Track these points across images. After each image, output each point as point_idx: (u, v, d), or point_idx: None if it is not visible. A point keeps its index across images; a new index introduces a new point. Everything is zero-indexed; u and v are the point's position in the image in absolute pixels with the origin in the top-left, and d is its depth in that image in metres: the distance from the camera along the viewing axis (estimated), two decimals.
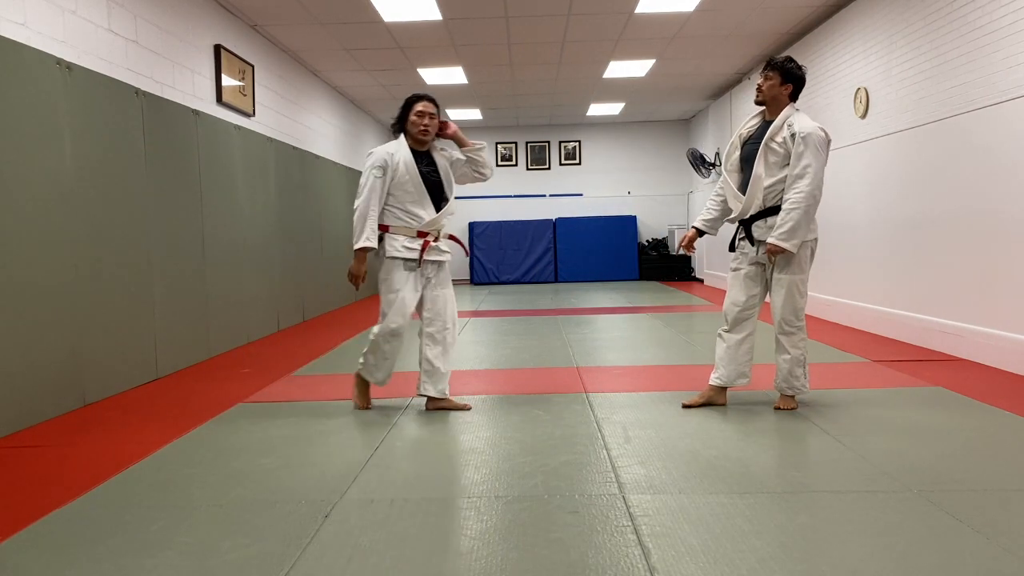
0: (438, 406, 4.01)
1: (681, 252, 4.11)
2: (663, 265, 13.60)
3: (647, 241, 14.02)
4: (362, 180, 3.84)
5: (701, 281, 12.85)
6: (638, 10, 7.05)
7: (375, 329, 3.97)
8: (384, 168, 3.82)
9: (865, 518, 2.42)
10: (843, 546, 2.22)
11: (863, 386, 4.39)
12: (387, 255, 3.87)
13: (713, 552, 2.19)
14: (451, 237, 4.09)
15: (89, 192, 4.44)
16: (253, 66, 7.08)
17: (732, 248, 3.97)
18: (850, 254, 6.95)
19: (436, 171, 3.96)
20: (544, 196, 14.23)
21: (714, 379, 3.93)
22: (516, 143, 14.22)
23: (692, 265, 13.50)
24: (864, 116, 6.61)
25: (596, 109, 12.54)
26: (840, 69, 7.09)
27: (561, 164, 14.31)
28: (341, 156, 10.42)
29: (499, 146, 14.21)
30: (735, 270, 3.92)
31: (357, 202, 3.81)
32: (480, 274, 13.75)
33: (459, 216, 14.23)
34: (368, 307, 9.92)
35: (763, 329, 4.06)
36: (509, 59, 8.84)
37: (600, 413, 3.87)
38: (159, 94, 5.34)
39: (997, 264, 4.83)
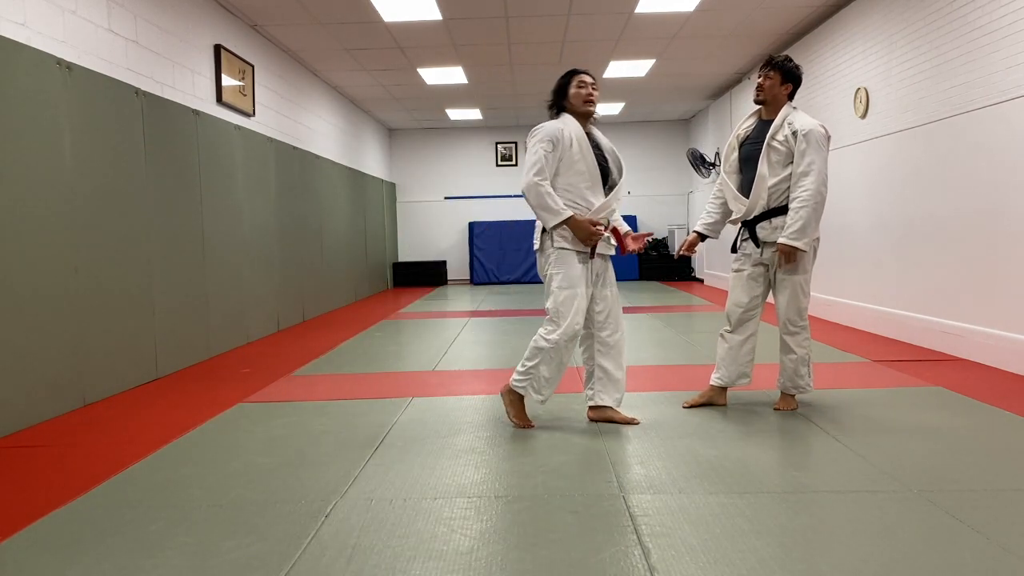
0: (605, 416, 3.63)
1: (682, 255, 4.02)
2: (663, 265, 13.60)
3: (647, 241, 13.99)
4: (530, 157, 3.41)
5: (701, 281, 12.85)
6: (638, 10, 7.05)
7: (551, 336, 3.45)
8: (555, 143, 3.42)
9: (865, 518, 2.42)
10: (843, 546, 2.22)
11: (863, 386, 4.39)
12: (557, 245, 3.45)
13: (713, 552, 2.19)
14: (613, 230, 3.63)
15: (89, 192, 4.44)
16: (253, 66, 7.08)
17: (734, 249, 3.97)
18: (850, 254, 6.95)
19: (602, 151, 3.60)
20: None
21: (715, 379, 3.93)
22: (516, 143, 14.21)
23: (692, 265, 13.49)
24: (864, 116, 6.61)
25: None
26: (840, 69, 7.09)
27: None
28: (341, 156, 10.42)
29: (499, 146, 14.21)
30: (738, 271, 3.91)
31: (525, 181, 3.40)
32: (480, 274, 13.75)
33: (459, 216, 14.27)
34: (369, 306, 9.92)
35: (764, 329, 4.05)
36: (509, 59, 8.84)
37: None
38: (159, 94, 5.34)
39: (997, 264, 4.83)
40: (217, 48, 6.32)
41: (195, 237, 5.79)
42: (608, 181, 3.57)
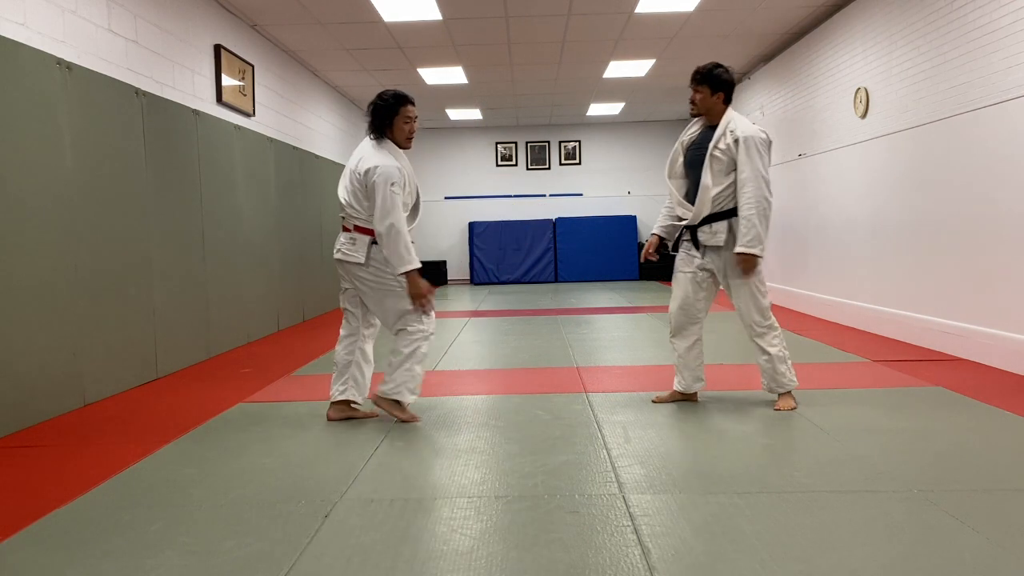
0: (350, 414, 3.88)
1: (647, 259, 4.06)
2: (663, 265, 13.56)
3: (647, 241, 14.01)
4: (383, 198, 3.50)
5: None
6: (638, 10, 7.04)
7: (423, 333, 3.65)
8: (403, 184, 3.63)
9: (865, 518, 2.42)
10: (843, 546, 2.22)
11: (863, 386, 4.39)
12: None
13: (713, 552, 2.19)
14: None
15: (89, 192, 4.44)
16: (253, 66, 7.08)
17: (675, 248, 3.97)
18: (850, 254, 6.95)
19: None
20: (544, 196, 14.22)
21: (676, 384, 4.01)
22: (516, 143, 14.21)
23: None
24: (864, 116, 6.61)
25: (596, 109, 12.54)
26: (840, 69, 7.09)
27: (561, 164, 14.30)
28: (341, 156, 10.42)
29: (499, 146, 14.21)
30: (681, 272, 3.92)
31: (386, 222, 3.49)
32: (480, 274, 13.75)
33: (459, 216, 14.27)
34: None
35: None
36: (509, 59, 8.84)
37: (600, 413, 3.87)
38: (159, 94, 5.34)
39: (997, 264, 4.83)
40: (217, 48, 6.32)
41: (195, 237, 5.79)
42: (415, 215, 3.77)
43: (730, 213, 3.73)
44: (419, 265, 3.58)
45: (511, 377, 4.91)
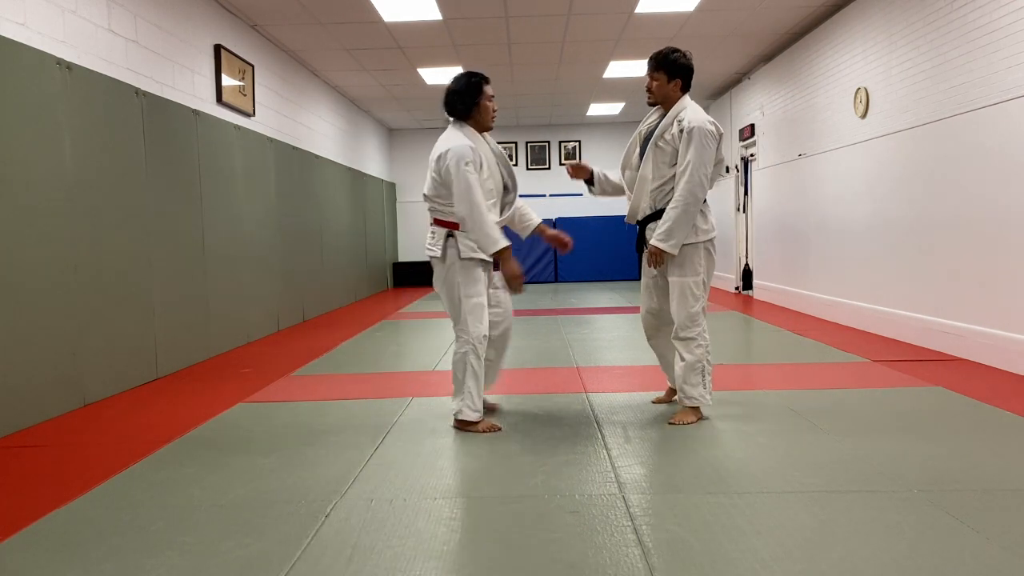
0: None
1: (569, 164, 3.91)
2: None
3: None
4: (457, 179, 3.36)
5: None
6: (638, 10, 7.05)
7: (465, 347, 3.53)
8: (479, 164, 3.44)
9: (865, 518, 2.42)
10: (843, 546, 2.22)
11: (863, 386, 4.39)
12: (462, 256, 3.48)
13: (713, 552, 2.19)
14: (540, 230, 3.83)
15: (89, 192, 4.44)
16: (253, 66, 7.08)
17: (639, 249, 3.82)
18: (850, 254, 6.95)
19: (505, 166, 3.65)
20: (544, 196, 14.22)
21: (669, 381, 3.99)
22: (516, 143, 14.21)
23: None
24: (864, 116, 6.61)
25: (596, 109, 12.53)
26: (840, 69, 7.09)
27: (561, 164, 14.30)
28: (341, 156, 10.42)
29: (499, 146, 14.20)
30: (644, 275, 3.80)
31: (464, 203, 3.36)
32: None
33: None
34: (369, 306, 9.92)
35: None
36: (509, 59, 8.84)
37: (600, 413, 3.87)
38: (159, 94, 5.34)
39: (997, 264, 4.83)
40: (217, 48, 6.32)
41: (195, 236, 5.79)
42: (507, 197, 3.63)
43: None
44: (509, 243, 3.45)
45: (511, 377, 4.91)
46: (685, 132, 3.44)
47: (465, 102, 3.52)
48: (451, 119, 3.57)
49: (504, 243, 3.44)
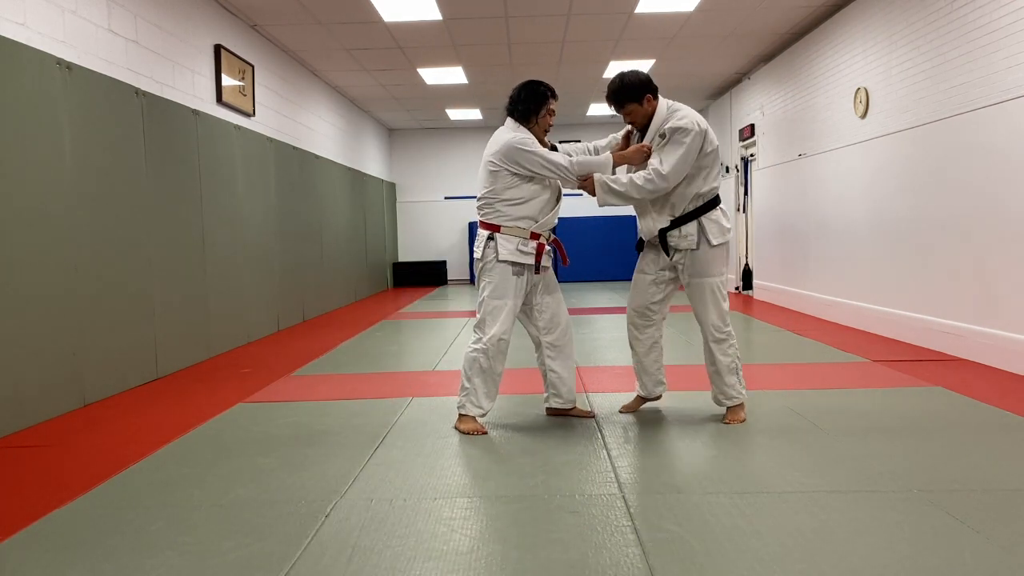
0: (561, 414, 3.82)
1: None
2: None
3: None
4: (533, 162, 3.44)
5: None
6: (638, 10, 7.04)
7: (477, 345, 3.55)
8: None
9: (865, 518, 2.42)
10: (843, 546, 2.22)
11: (863, 386, 4.39)
12: (500, 259, 3.51)
13: (713, 552, 2.19)
14: (554, 241, 3.78)
15: (89, 192, 4.44)
16: (253, 66, 7.08)
17: (639, 248, 3.83)
18: (850, 254, 6.95)
19: None
20: None
21: (638, 389, 3.89)
22: None
23: None
24: (864, 116, 6.61)
25: (596, 109, 12.53)
26: (840, 69, 7.09)
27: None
28: (341, 156, 10.42)
29: None
30: (641, 273, 3.77)
31: (558, 167, 3.46)
32: None
33: (459, 216, 14.27)
34: (369, 306, 9.92)
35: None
36: (509, 59, 8.84)
37: (600, 413, 3.87)
38: (159, 94, 5.34)
39: (997, 264, 4.83)
40: (217, 48, 6.32)
41: (195, 237, 5.79)
42: (557, 205, 3.68)
43: (697, 213, 3.52)
44: (608, 160, 3.55)
45: (511, 377, 4.91)
46: (668, 134, 3.47)
47: (528, 106, 3.60)
48: (509, 118, 3.64)
49: (599, 162, 3.55)
